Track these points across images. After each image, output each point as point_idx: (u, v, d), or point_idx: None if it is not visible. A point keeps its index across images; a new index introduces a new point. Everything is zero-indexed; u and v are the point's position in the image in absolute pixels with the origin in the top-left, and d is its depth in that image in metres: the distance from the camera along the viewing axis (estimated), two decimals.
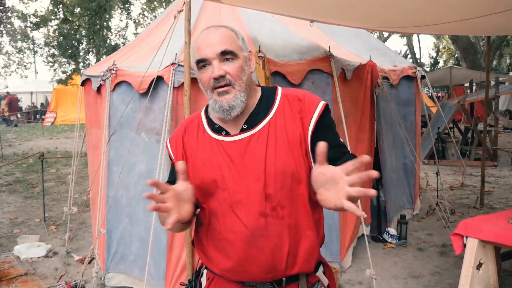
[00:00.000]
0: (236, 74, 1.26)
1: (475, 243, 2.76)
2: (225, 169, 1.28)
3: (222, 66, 1.24)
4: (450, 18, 3.24)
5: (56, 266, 3.96)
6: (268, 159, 1.26)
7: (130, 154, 3.24)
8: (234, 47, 1.27)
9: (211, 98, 1.28)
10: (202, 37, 1.29)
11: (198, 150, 1.34)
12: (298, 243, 1.28)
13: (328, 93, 3.47)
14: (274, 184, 1.25)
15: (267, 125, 1.29)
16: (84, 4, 11.04)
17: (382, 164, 4.39)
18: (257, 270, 1.26)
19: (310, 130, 1.28)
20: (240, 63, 1.27)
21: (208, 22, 3.58)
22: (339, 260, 3.60)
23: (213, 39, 1.26)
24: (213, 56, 1.24)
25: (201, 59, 1.26)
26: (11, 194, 6.72)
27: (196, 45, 1.29)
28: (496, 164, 8.25)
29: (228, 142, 1.30)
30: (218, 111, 1.27)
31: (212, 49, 1.24)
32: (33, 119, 21.53)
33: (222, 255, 1.29)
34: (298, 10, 3.25)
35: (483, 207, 5.53)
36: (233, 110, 1.25)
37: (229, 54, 1.25)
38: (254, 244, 1.25)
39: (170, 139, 1.43)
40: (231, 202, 1.27)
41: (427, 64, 26.72)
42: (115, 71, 3.38)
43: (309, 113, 1.29)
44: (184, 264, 3.05)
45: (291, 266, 1.28)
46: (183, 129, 1.40)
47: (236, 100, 1.25)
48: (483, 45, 15.85)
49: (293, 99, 1.33)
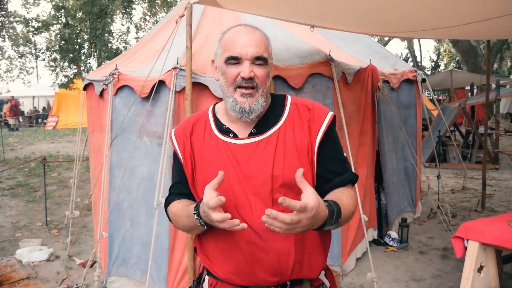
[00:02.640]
0: (263, 80, 1.29)
1: (476, 246, 2.76)
2: (230, 171, 1.28)
3: (253, 69, 1.26)
4: (450, 22, 3.25)
5: (58, 270, 3.97)
6: (276, 165, 1.28)
7: (132, 158, 3.26)
8: (267, 53, 1.30)
9: (231, 97, 1.29)
10: (237, 34, 1.29)
11: (204, 150, 1.34)
12: (304, 249, 1.28)
13: (329, 97, 3.48)
14: (281, 190, 1.26)
15: (277, 132, 1.32)
16: (86, 8, 11.08)
17: (383, 167, 4.40)
18: (263, 273, 1.26)
19: (318, 141, 1.31)
20: (268, 70, 1.31)
21: (209, 27, 3.61)
22: (341, 264, 3.60)
23: (251, 40, 1.27)
24: (247, 57, 1.26)
25: (234, 56, 1.27)
26: (13, 198, 6.73)
27: (228, 40, 1.30)
28: (497, 167, 8.25)
29: (236, 145, 1.31)
30: (237, 111, 1.29)
31: (248, 50, 1.26)
32: (35, 123, 21.57)
33: (227, 258, 1.29)
34: (298, 15, 3.27)
35: (484, 210, 5.53)
36: (253, 113, 1.29)
37: (262, 60, 1.28)
38: (260, 247, 1.25)
39: (176, 134, 1.41)
40: (236, 205, 1.27)
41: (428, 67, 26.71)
42: (117, 76, 3.40)
43: (318, 123, 1.33)
44: (185, 268, 3.06)
45: (297, 272, 1.29)
46: (191, 127, 1.39)
47: (257, 104, 1.28)
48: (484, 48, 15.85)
49: (302, 108, 1.36)
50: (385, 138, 4.43)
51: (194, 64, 2.88)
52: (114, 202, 3.42)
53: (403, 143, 4.64)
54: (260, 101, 1.29)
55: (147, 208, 3.27)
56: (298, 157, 1.29)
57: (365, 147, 4.05)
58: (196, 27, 3.49)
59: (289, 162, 1.28)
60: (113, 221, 3.49)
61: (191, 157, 1.36)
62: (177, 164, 1.41)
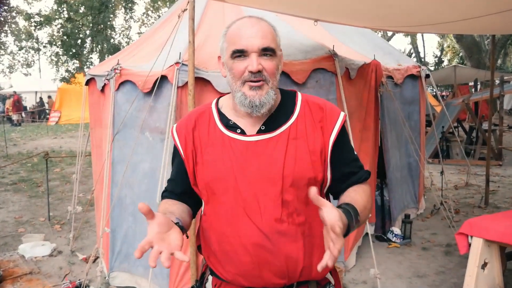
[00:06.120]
0: (272, 72, 1.23)
1: (480, 243, 2.75)
2: (237, 169, 1.23)
3: (260, 61, 1.21)
4: (455, 17, 3.22)
5: (60, 265, 3.98)
6: (287, 164, 1.22)
7: (134, 153, 3.25)
8: (274, 44, 1.24)
9: (239, 91, 1.23)
10: (241, 26, 1.24)
11: (208, 146, 1.28)
12: (312, 252, 1.25)
13: (332, 92, 3.46)
14: (291, 190, 1.22)
15: (288, 130, 1.26)
16: (88, 3, 11.06)
17: (386, 163, 4.38)
18: (270, 275, 1.23)
19: (331, 143, 1.27)
20: (276, 61, 1.26)
21: (212, 22, 3.58)
22: (343, 260, 3.60)
23: (256, 32, 1.21)
24: (253, 50, 1.20)
25: (240, 49, 1.21)
26: (15, 193, 6.75)
27: (233, 34, 1.24)
28: (501, 163, 8.21)
29: (243, 142, 1.25)
30: (247, 106, 1.22)
31: (254, 42, 1.20)
32: (38, 118, 21.60)
33: (233, 259, 1.25)
34: (302, 9, 3.24)
35: (487, 206, 5.51)
36: (263, 107, 1.22)
37: (269, 51, 1.22)
38: (269, 250, 1.21)
39: (177, 129, 1.35)
40: (244, 205, 1.22)
41: (431, 63, 26.61)
42: (119, 71, 3.38)
43: (331, 124, 1.28)
44: (188, 264, 3.05)
45: (306, 275, 1.26)
46: (193, 123, 1.33)
47: (268, 97, 1.23)
48: (488, 44, 15.76)
49: (314, 106, 1.31)
50: (389, 134, 4.40)
51: (196, 59, 2.86)
52: (117, 198, 3.41)
53: (406, 139, 4.62)
54: (270, 93, 1.23)
55: (149, 204, 3.20)
56: (309, 157, 1.24)
57: (368, 143, 4.03)
58: (198, 21, 3.46)
59: (300, 161, 1.23)
60: (115, 216, 3.49)
61: (193, 153, 1.30)
62: (177, 160, 1.36)
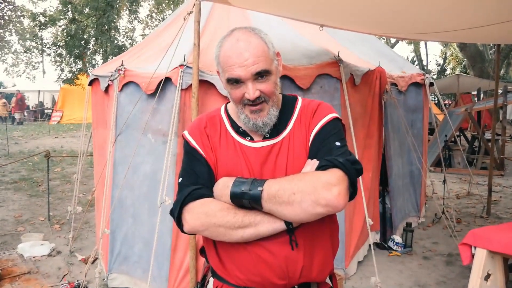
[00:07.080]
0: (270, 91, 1.25)
1: (484, 254, 2.72)
2: (246, 174, 1.27)
3: (257, 86, 1.22)
4: (459, 25, 3.21)
5: (59, 265, 3.96)
6: (289, 169, 1.27)
7: (135, 155, 3.24)
8: (268, 64, 1.22)
9: (243, 113, 1.27)
10: (232, 49, 1.21)
11: (221, 149, 1.32)
12: (313, 253, 1.27)
13: (336, 98, 3.44)
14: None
15: (288, 136, 1.31)
16: (92, 4, 11.08)
17: (388, 170, 4.35)
18: (271, 276, 1.25)
19: (311, 137, 1.29)
20: (273, 79, 1.26)
21: (217, 25, 3.58)
22: (344, 267, 3.57)
23: (247, 56, 1.19)
24: (247, 77, 1.20)
25: (233, 78, 1.21)
26: (16, 192, 6.74)
27: (225, 58, 1.23)
28: (503, 173, 8.17)
29: (251, 148, 1.30)
30: (251, 128, 1.28)
31: (248, 70, 1.19)
32: (40, 117, 21.62)
33: (235, 260, 1.27)
34: (308, 14, 3.24)
35: (489, 216, 5.48)
36: (267, 127, 1.28)
37: (264, 73, 1.22)
38: (269, 250, 1.24)
39: (190, 133, 1.35)
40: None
41: (434, 71, 26.60)
42: (123, 72, 3.37)
43: (316, 122, 1.31)
44: (187, 267, 3.03)
45: (306, 276, 1.27)
46: (204, 123, 1.35)
47: (270, 116, 1.27)
48: (491, 54, 15.76)
49: (310, 109, 1.34)
50: (392, 142, 4.38)
51: (201, 61, 2.85)
52: (117, 199, 3.39)
53: (409, 147, 4.60)
54: (272, 112, 1.27)
55: (149, 206, 3.24)
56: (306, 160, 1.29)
57: (371, 150, 4.01)
58: (203, 24, 3.46)
59: (300, 166, 1.27)
60: (115, 218, 3.47)
61: (212, 150, 1.32)
62: (197, 161, 1.30)
